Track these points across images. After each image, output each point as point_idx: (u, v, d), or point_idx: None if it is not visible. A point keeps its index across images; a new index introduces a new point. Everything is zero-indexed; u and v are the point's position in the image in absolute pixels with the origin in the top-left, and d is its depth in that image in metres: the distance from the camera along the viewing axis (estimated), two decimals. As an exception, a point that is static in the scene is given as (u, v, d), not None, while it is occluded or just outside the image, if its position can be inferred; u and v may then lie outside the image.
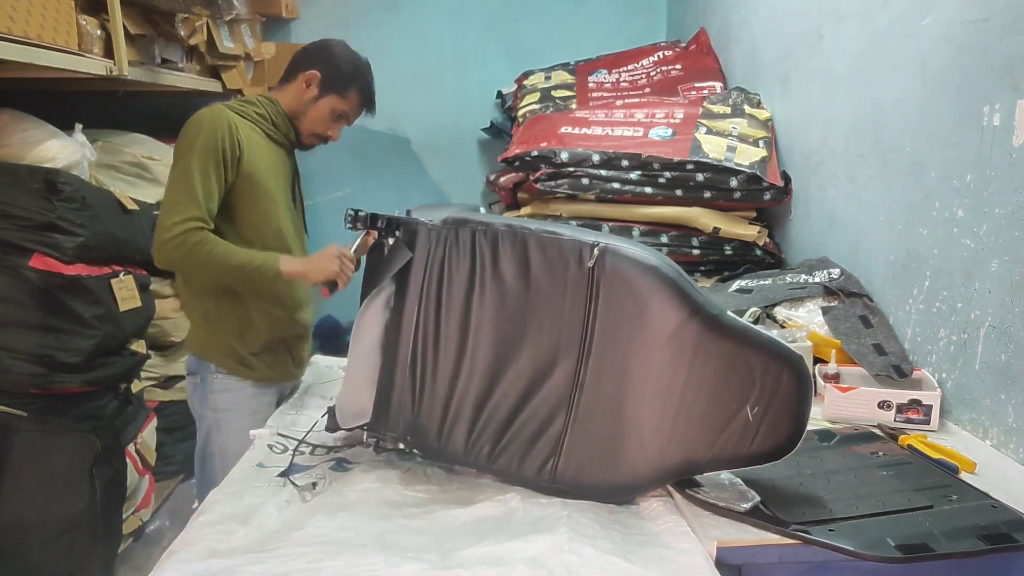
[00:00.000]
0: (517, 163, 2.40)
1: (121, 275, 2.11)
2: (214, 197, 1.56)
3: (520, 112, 2.89)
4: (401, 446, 1.30)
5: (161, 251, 1.53)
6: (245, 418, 1.66)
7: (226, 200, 1.60)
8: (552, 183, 2.31)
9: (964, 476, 1.27)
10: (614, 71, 3.11)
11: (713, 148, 2.28)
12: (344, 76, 1.73)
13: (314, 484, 1.26)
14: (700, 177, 2.27)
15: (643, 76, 3.04)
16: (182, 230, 1.50)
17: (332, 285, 1.52)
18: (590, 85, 3.01)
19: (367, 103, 1.81)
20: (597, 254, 1.17)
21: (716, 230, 2.28)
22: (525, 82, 3.15)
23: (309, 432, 1.42)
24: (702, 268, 2.40)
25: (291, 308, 1.73)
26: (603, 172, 2.30)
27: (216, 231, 1.57)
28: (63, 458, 1.90)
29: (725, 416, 1.12)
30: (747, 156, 2.27)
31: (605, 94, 2.93)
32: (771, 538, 1.09)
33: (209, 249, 1.52)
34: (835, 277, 1.89)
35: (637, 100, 2.71)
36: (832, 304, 1.80)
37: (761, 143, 2.33)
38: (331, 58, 1.73)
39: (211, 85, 2.74)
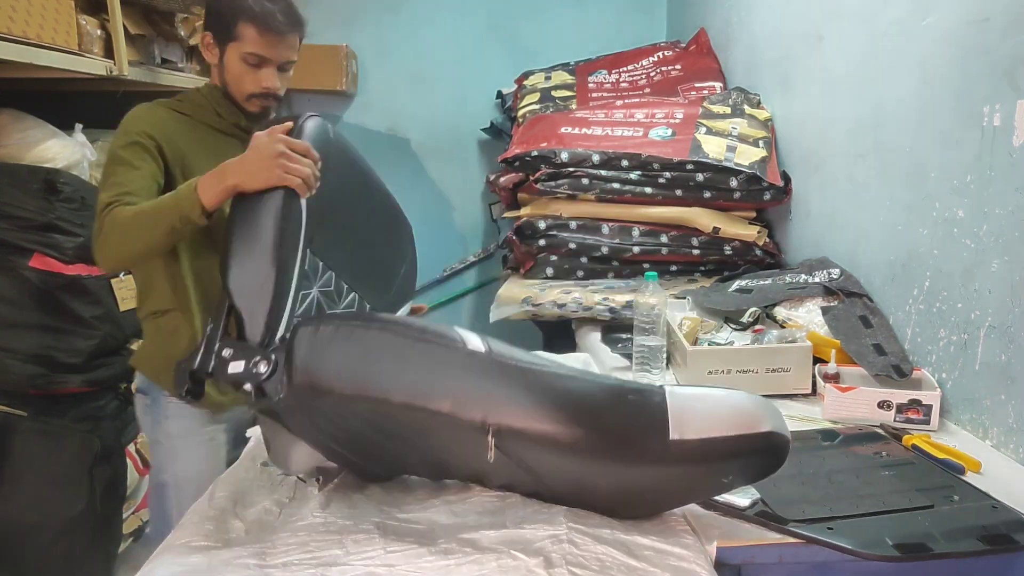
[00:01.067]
0: (517, 163, 2.40)
1: (121, 275, 2.11)
2: (138, 180, 1.37)
3: (520, 112, 2.89)
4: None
5: (93, 248, 1.36)
6: (202, 446, 1.55)
7: None
8: (552, 183, 2.31)
9: (966, 476, 1.27)
10: (614, 71, 3.12)
11: (713, 148, 2.29)
12: (224, 16, 1.47)
13: (318, 479, 1.26)
14: (700, 177, 2.27)
15: (643, 76, 3.04)
16: (98, 212, 1.33)
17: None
18: (590, 85, 3.01)
19: (262, 23, 1.45)
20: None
21: (716, 230, 2.28)
22: (525, 82, 3.15)
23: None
24: (702, 268, 2.40)
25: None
26: (603, 172, 2.30)
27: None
28: (63, 458, 1.91)
29: None
30: (747, 156, 2.27)
31: (605, 94, 2.93)
32: (771, 538, 1.09)
33: (121, 214, 1.31)
34: (835, 277, 1.89)
35: (637, 100, 2.71)
36: (832, 304, 1.80)
37: (761, 143, 2.33)
38: (208, 9, 1.52)
39: (211, 85, 2.73)
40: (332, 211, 1.34)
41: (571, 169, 2.31)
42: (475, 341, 1.04)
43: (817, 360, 1.67)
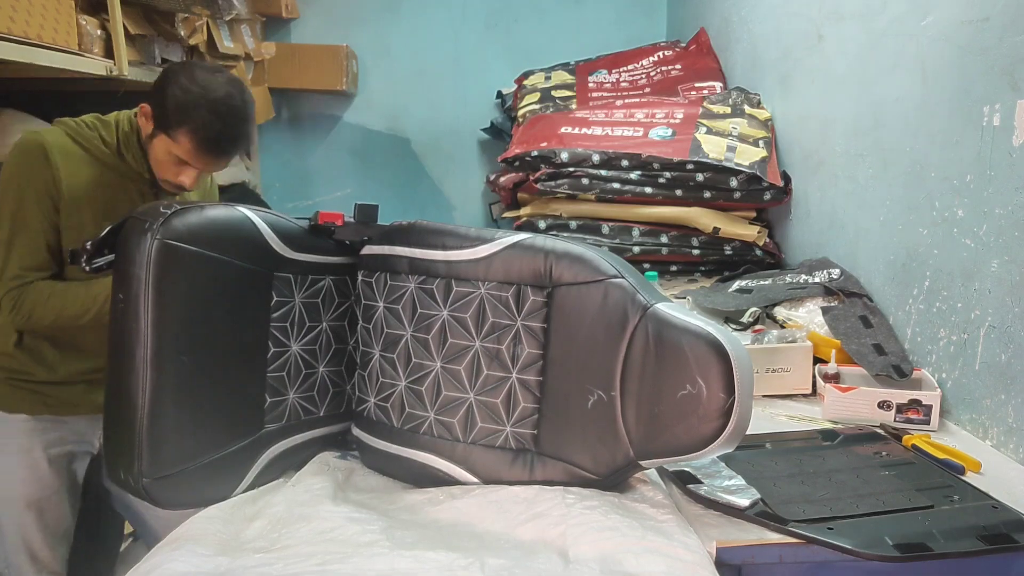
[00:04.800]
0: (517, 163, 2.40)
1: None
2: (43, 246, 1.38)
3: (520, 112, 2.89)
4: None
5: (8, 318, 1.38)
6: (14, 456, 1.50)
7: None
8: (552, 183, 2.31)
9: (966, 476, 1.27)
10: (614, 71, 3.12)
11: (713, 148, 2.29)
12: (168, 109, 1.37)
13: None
14: (700, 177, 2.27)
15: (643, 76, 3.04)
16: (6, 291, 1.36)
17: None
18: (590, 85, 3.02)
19: (204, 144, 1.39)
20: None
21: (716, 230, 2.28)
22: (525, 82, 3.15)
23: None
24: (702, 268, 2.41)
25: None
26: (603, 172, 2.30)
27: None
28: (63, 458, 1.90)
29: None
30: (747, 156, 2.27)
31: (605, 94, 2.93)
32: (771, 538, 1.09)
33: (39, 296, 1.36)
34: (835, 277, 1.90)
35: (637, 100, 2.71)
36: (832, 304, 1.80)
37: (761, 143, 2.33)
38: (163, 87, 1.39)
39: (211, 85, 2.73)
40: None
41: (571, 169, 2.31)
42: None
43: (817, 360, 1.67)
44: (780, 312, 1.86)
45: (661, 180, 2.29)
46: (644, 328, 1.11)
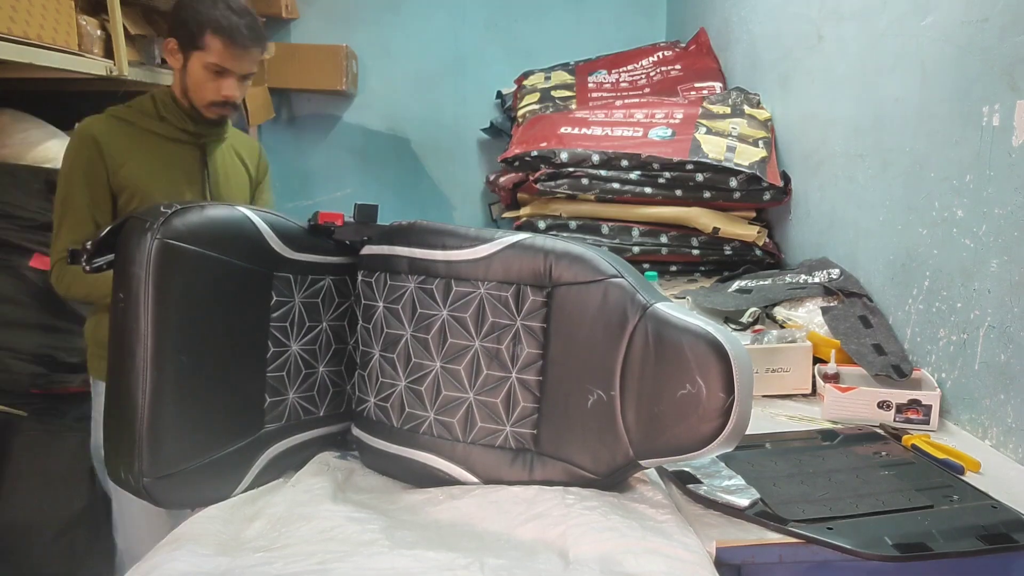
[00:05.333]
0: (517, 163, 2.41)
1: (121, 275, 2.11)
2: (89, 220, 1.52)
3: (520, 112, 2.89)
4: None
5: (56, 288, 1.55)
6: None
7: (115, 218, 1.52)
8: (552, 183, 2.31)
9: (965, 476, 1.27)
10: (614, 71, 3.12)
11: (713, 148, 2.29)
12: (190, 25, 1.52)
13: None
14: (700, 177, 2.27)
15: (643, 76, 3.04)
16: (55, 262, 1.51)
17: None
18: (590, 85, 3.02)
19: (228, 36, 1.52)
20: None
21: (716, 230, 2.28)
22: (525, 82, 3.15)
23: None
24: (702, 268, 2.41)
25: None
26: (603, 172, 2.30)
27: None
28: (63, 458, 1.91)
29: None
30: (747, 156, 2.27)
31: (605, 94, 2.93)
32: (771, 537, 1.09)
33: (73, 274, 1.50)
34: (835, 277, 1.90)
35: (637, 100, 2.71)
36: (832, 304, 1.80)
37: (761, 143, 2.33)
38: (175, 17, 1.56)
39: (211, 85, 2.73)
40: None
41: (571, 169, 2.31)
42: None
43: (817, 360, 1.67)
44: (780, 312, 1.86)
45: (661, 180, 2.29)
46: (644, 328, 1.11)
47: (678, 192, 2.30)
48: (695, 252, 2.35)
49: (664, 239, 2.34)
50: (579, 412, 1.16)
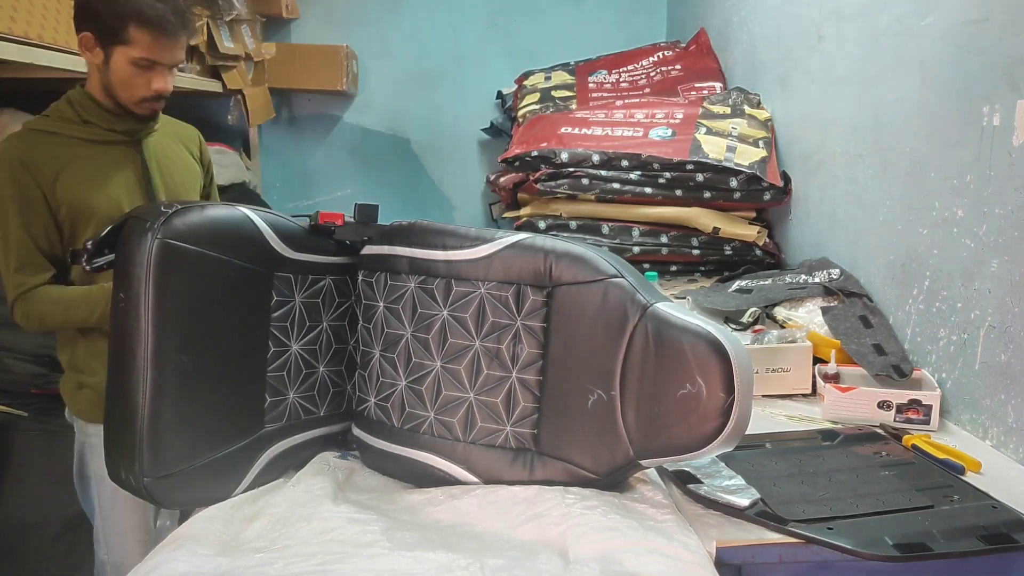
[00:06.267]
0: (517, 163, 2.40)
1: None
2: (35, 251, 1.40)
3: (520, 112, 2.89)
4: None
5: (14, 317, 1.43)
6: None
7: (61, 237, 1.43)
8: (552, 183, 2.31)
9: (966, 476, 1.27)
10: (614, 71, 3.12)
11: (713, 148, 2.29)
12: (108, 17, 1.36)
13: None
14: (700, 177, 2.27)
15: (643, 76, 3.04)
16: (15, 298, 1.40)
17: None
18: (590, 85, 3.02)
19: (155, 26, 1.37)
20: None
21: (716, 230, 2.28)
22: (525, 82, 3.15)
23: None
24: (702, 268, 2.41)
25: None
26: (603, 172, 2.30)
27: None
28: (63, 458, 1.90)
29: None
30: (747, 156, 2.27)
31: (605, 94, 2.93)
32: (771, 537, 1.09)
33: (35, 309, 1.40)
34: (835, 277, 1.90)
35: (637, 100, 2.71)
36: (832, 304, 1.80)
37: (761, 143, 2.33)
38: (85, 7, 1.39)
39: (211, 85, 2.74)
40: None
41: (571, 169, 2.31)
42: None
43: (817, 360, 1.67)
44: (780, 312, 1.86)
45: (661, 180, 2.29)
46: (644, 327, 1.11)
47: (678, 192, 2.30)
48: (695, 252, 2.35)
49: (664, 239, 2.34)
50: (579, 412, 1.16)
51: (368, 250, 1.35)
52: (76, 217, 1.42)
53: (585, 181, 2.30)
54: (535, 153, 2.35)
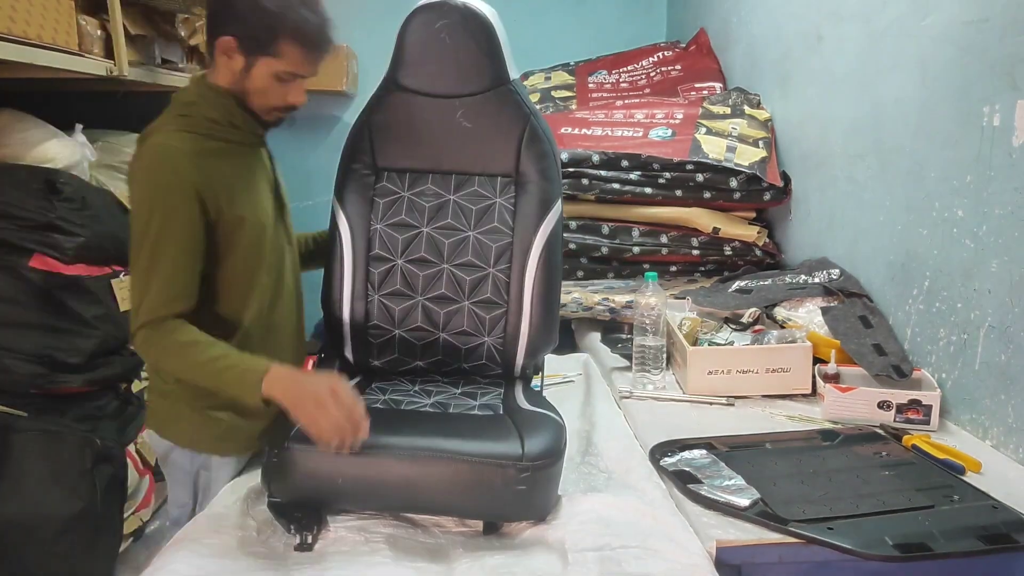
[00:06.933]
0: (517, 163, 2.40)
1: (121, 275, 2.11)
2: (186, 268, 1.25)
3: (520, 112, 2.88)
4: None
5: (141, 352, 1.28)
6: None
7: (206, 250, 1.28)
8: (552, 183, 2.30)
9: (966, 476, 1.27)
10: (614, 71, 3.12)
11: (713, 148, 2.29)
12: (259, 27, 1.25)
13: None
14: (700, 177, 2.27)
15: (643, 76, 3.04)
16: (143, 323, 1.23)
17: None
18: (590, 85, 3.01)
19: (310, 43, 1.28)
20: None
21: (716, 230, 2.28)
22: (525, 82, 3.15)
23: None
24: (702, 268, 2.40)
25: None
26: (603, 172, 2.30)
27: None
28: (63, 458, 1.90)
29: None
30: (747, 156, 2.27)
31: (605, 94, 2.93)
32: (771, 537, 1.09)
33: (175, 342, 1.22)
34: (835, 277, 1.90)
35: (637, 100, 2.71)
36: (832, 304, 1.80)
37: (761, 143, 2.33)
38: (233, 11, 1.26)
39: (211, 85, 2.73)
40: None
41: (571, 169, 2.30)
42: None
43: (817, 360, 1.67)
44: (780, 312, 1.86)
45: (661, 180, 2.29)
46: None
47: (678, 192, 2.30)
48: (695, 252, 2.35)
49: (664, 239, 2.34)
50: None
51: None
52: (236, 230, 1.30)
53: (585, 181, 2.29)
54: (535, 153, 2.34)
